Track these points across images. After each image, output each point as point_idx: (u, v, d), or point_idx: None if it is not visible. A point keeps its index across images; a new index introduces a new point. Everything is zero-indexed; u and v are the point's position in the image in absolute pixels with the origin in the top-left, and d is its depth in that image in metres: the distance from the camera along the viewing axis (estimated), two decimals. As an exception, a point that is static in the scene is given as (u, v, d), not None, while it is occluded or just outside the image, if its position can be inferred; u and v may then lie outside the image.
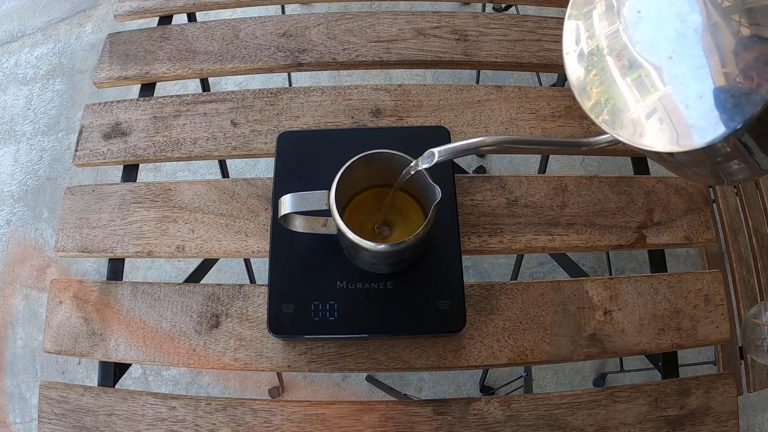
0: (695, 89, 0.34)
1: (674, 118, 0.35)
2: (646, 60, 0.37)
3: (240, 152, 0.72)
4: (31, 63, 1.72)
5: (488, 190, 0.68)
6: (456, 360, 0.61)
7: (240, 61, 0.78)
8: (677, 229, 0.67)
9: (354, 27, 0.79)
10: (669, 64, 0.36)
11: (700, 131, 0.34)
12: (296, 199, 0.56)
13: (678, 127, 0.35)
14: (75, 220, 0.69)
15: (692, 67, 0.35)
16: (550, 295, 0.64)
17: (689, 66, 0.35)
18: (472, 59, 0.77)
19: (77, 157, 0.73)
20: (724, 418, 0.60)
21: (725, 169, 0.40)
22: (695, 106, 0.34)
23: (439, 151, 0.49)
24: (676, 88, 0.35)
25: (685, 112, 0.35)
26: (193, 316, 0.64)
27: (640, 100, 0.37)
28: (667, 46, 0.36)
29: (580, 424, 0.59)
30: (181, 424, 0.60)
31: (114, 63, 0.79)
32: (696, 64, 0.34)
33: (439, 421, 0.59)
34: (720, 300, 0.64)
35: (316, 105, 0.74)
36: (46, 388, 0.63)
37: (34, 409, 1.33)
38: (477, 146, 0.48)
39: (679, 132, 0.35)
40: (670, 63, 0.36)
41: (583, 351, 0.62)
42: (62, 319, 0.65)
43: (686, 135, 0.35)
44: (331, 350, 0.62)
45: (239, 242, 0.67)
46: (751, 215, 1.00)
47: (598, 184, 0.69)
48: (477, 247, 0.66)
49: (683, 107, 0.35)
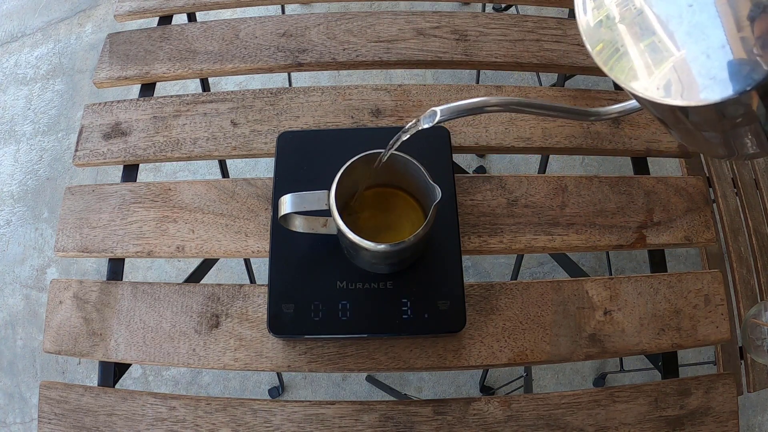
0: (717, 38, 0.32)
1: (694, 69, 0.33)
2: (663, 10, 0.34)
3: (240, 152, 0.72)
4: (31, 63, 1.72)
5: (488, 190, 0.68)
6: (456, 360, 0.61)
7: (240, 61, 0.78)
8: (677, 229, 0.67)
9: (354, 27, 0.79)
10: (689, 13, 0.33)
11: (722, 83, 0.31)
12: (296, 199, 0.56)
13: (698, 78, 0.32)
14: (75, 220, 0.69)
15: (714, 15, 0.32)
16: (550, 295, 0.64)
17: (711, 14, 0.32)
18: (472, 59, 0.77)
19: (77, 157, 0.73)
20: (724, 418, 0.60)
21: (737, 138, 0.37)
22: (716, 56, 0.32)
23: (441, 110, 0.46)
24: (696, 38, 0.33)
25: (705, 62, 0.32)
26: (193, 316, 0.64)
27: (657, 51, 0.34)
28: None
29: (580, 424, 0.59)
30: (181, 424, 0.60)
31: (114, 63, 0.79)
32: (717, 12, 0.32)
33: (439, 421, 0.59)
34: (720, 300, 0.64)
35: (316, 105, 0.74)
36: (46, 388, 0.63)
37: (34, 409, 1.33)
38: (481, 106, 0.46)
39: (698, 84, 0.32)
40: (690, 11, 0.33)
41: (583, 351, 0.62)
42: (62, 319, 0.65)
43: (707, 87, 0.32)
44: (331, 350, 0.62)
45: (239, 242, 0.67)
46: (751, 215, 1.00)
47: (598, 184, 0.69)
48: (477, 247, 0.66)
49: (704, 57, 0.32)
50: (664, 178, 0.70)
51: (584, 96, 0.74)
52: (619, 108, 0.51)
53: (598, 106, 0.72)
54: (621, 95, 0.75)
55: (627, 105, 0.51)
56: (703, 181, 0.70)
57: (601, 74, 0.83)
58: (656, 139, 0.72)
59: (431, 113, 0.47)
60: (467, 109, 0.46)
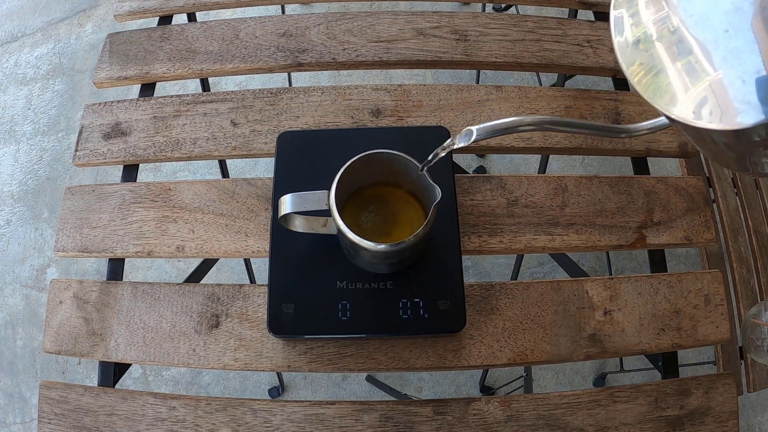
0: (752, 64, 0.32)
1: (731, 93, 0.33)
2: (700, 34, 0.35)
3: (240, 152, 0.72)
4: (31, 63, 1.72)
5: (488, 190, 0.68)
6: (456, 360, 0.61)
7: (240, 61, 0.78)
8: (677, 229, 0.67)
9: (354, 27, 0.79)
10: (725, 38, 0.34)
11: (758, 108, 0.32)
12: (296, 199, 0.56)
13: (734, 103, 0.33)
14: (75, 220, 0.69)
15: (750, 41, 0.32)
16: (550, 295, 0.64)
17: (746, 40, 0.33)
18: (472, 59, 0.77)
19: (77, 157, 0.73)
20: (724, 418, 0.60)
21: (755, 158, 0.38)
22: (752, 81, 0.32)
23: (477, 129, 0.47)
24: (732, 62, 0.33)
25: (741, 87, 0.33)
26: (193, 316, 0.64)
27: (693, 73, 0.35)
28: (722, 19, 0.34)
29: (580, 424, 0.59)
30: (181, 424, 0.60)
31: (114, 63, 0.79)
32: (753, 38, 0.32)
33: (439, 421, 0.59)
34: (720, 300, 0.64)
35: (316, 105, 0.74)
36: (46, 388, 0.63)
37: (34, 409, 1.33)
38: (516, 125, 0.47)
39: (735, 109, 0.33)
40: (726, 36, 0.34)
41: (583, 351, 0.62)
42: (62, 319, 0.65)
43: (743, 112, 0.32)
44: (331, 350, 0.62)
45: (239, 242, 0.67)
46: (751, 215, 1.00)
47: (598, 184, 0.69)
48: (477, 247, 0.66)
49: (740, 83, 0.33)
50: (664, 178, 0.70)
51: (584, 96, 0.74)
52: (649, 125, 0.52)
53: (601, 112, 0.72)
54: (621, 95, 0.75)
55: (657, 122, 0.52)
56: (703, 181, 0.70)
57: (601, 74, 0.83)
58: (656, 139, 0.72)
59: (467, 132, 0.48)
60: (502, 128, 0.47)
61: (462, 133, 0.48)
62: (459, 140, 0.49)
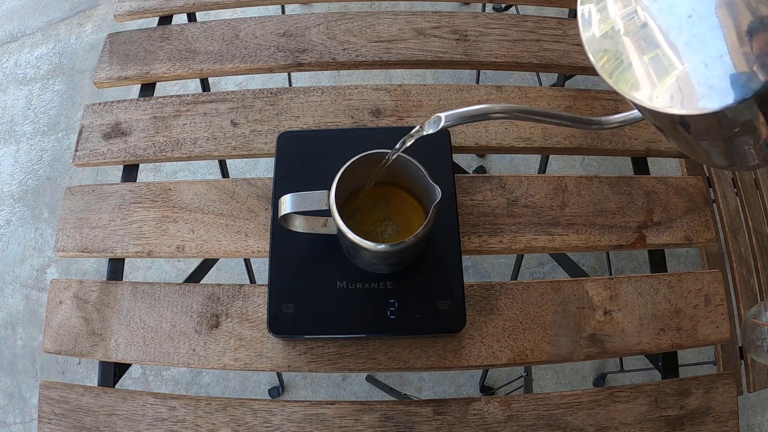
0: (716, 48, 0.32)
1: (692, 78, 0.33)
2: (663, 20, 0.35)
3: (240, 152, 0.72)
4: (31, 63, 1.72)
5: (488, 190, 0.68)
6: (456, 360, 0.61)
7: (240, 61, 0.78)
8: (677, 229, 0.67)
9: (354, 27, 0.79)
10: (688, 23, 0.34)
11: (720, 92, 0.32)
12: (296, 199, 0.56)
13: (696, 88, 0.33)
14: (75, 220, 0.69)
15: (713, 25, 0.32)
16: (550, 295, 0.64)
17: (710, 24, 0.33)
18: (472, 59, 0.77)
19: (77, 157, 0.73)
20: (724, 418, 0.60)
21: (738, 149, 0.38)
22: (715, 66, 0.32)
23: (446, 116, 0.47)
24: (696, 48, 0.33)
25: (704, 72, 0.32)
26: (193, 316, 0.64)
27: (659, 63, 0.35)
28: (686, 4, 0.34)
29: (580, 424, 0.59)
30: (181, 424, 0.60)
31: (114, 63, 0.79)
32: (717, 23, 0.32)
33: (439, 421, 0.59)
34: (720, 300, 0.64)
35: (316, 105, 0.74)
36: (46, 388, 0.63)
37: (34, 409, 1.33)
38: (485, 113, 0.47)
39: (697, 93, 0.33)
40: (689, 22, 0.34)
41: (583, 351, 0.62)
42: (62, 319, 0.65)
43: (705, 96, 0.32)
44: (331, 350, 0.62)
45: (239, 242, 0.67)
46: (751, 215, 1.00)
47: (598, 184, 0.69)
48: (477, 247, 0.66)
49: (702, 67, 0.33)
50: (664, 178, 0.70)
51: (584, 96, 0.74)
52: (621, 117, 0.52)
53: (601, 112, 0.72)
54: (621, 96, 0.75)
55: (629, 115, 0.51)
56: (703, 181, 0.70)
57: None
58: (656, 139, 0.72)
59: (436, 119, 0.47)
60: (471, 115, 0.47)
61: (430, 119, 0.48)
62: (427, 127, 0.49)
